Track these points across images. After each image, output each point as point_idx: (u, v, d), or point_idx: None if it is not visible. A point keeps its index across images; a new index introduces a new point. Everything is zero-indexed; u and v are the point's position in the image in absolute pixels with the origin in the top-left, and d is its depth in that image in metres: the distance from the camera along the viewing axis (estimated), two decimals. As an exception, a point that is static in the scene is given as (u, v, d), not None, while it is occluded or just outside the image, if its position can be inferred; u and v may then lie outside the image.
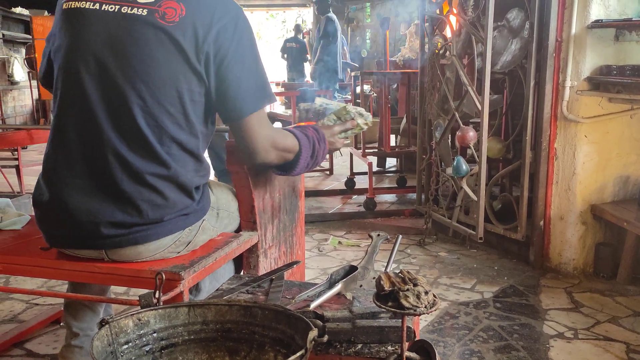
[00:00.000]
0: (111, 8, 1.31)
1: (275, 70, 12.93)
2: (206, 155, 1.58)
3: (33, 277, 2.30)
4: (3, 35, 8.27)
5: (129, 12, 1.30)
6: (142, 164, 1.32)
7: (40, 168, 1.41)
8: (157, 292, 1.18)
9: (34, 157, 6.23)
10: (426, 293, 1.10)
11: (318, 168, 5.50)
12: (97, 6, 1.32)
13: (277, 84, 10.30)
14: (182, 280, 1.37)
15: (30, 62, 8.40)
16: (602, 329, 2.19)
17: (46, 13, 9.05)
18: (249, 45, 1.41)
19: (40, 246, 1.57)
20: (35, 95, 8.44)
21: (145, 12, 1.30)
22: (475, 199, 2.81)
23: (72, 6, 1.34)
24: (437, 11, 3.13)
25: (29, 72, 8.58)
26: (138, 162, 1.31)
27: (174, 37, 1.29)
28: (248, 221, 1.79)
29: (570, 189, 2.68)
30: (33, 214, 1.50)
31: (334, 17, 7.12)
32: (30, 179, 4.97)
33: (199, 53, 1.31)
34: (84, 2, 1.33)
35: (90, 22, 1.31)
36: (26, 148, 6.56)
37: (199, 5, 1.32)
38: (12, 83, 8.40)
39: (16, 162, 4.20)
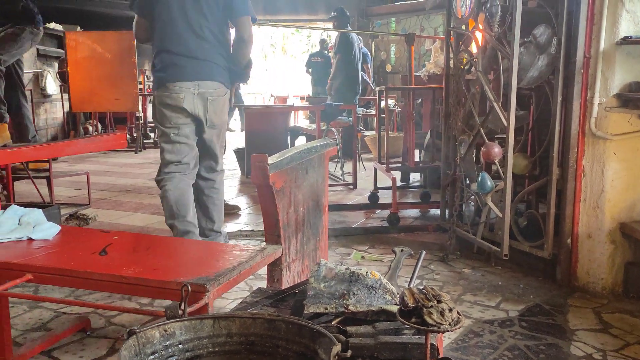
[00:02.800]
0: None
1: (301, 84, 13.03)
2: None
3: (62, 286, 2.35)
4: (37, 50, 8.51)
5: None
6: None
7: (70, 179, 1.51)
8: (183, 303, 1.20)
9: (64, 169, 6.38)
10: (450, 310, 1.09)
11: (341, 182, 5.51)
12: None
13: (302, 99, 10.37)
14: (207, 293, 1.39)
15: (62, 76, 8.62)
16: (632, 351, 2.13)
17: (79, 28, 9.31)
18: None
19: (69, 256, 1.61)
20: (66, 108, 8.64)
21: None
22: (500, 215, 2.78)
23: None
24: (463, 27, 3.13)
25: (60, 86, 8.80)
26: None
27: None
28: (272, 235, 1.81)
29: (599, 206, 2.64)
30: (63, 224, 1.55)
31: (350, 34, 7.19)
32: (61, 190, 5.09)
33: None
34: None
35: None
36: (56, 160, 6.71)
37: None
38: (45, 96, 8.62)
39: (47, 174, 4.30)
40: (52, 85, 8.69)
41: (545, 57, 2.67)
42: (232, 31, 2.92)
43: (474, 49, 3.09)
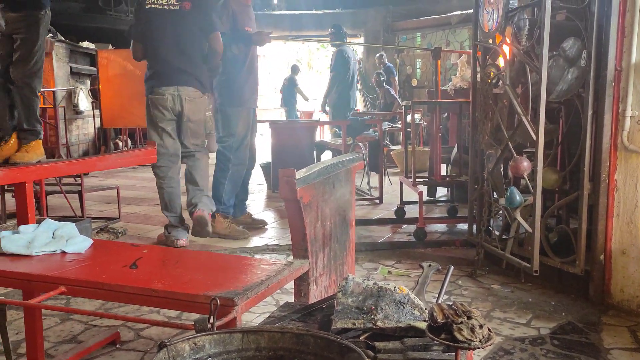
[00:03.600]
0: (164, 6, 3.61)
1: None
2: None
3: (94, 298, 2.39)
4: (71, 68, 8.76)
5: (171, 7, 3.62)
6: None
7: (100, 193, 1.58)
8: (212, 317, 1.21)
9: (95, 183, 6.51)
10: (481, 327, 1.08)
11: (367, 196, 5.50)
12: (160, 5, 3.60)
13: (327, 114, 10.40)
14: (236, 307, 1.39)
15: (94, 93, 8.85)
16: (670, 371, 2.06)
17: (110, 47, 9.55)
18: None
19: (101, 269, 1.64)
20: (98, 124, 8.85)
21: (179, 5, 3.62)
22: (530, 230, 2.74)
23: (148, 4, 3.64)
24: (490, 41, 3.12)
25: (92, 102, 9.03)
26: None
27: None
28: (299, 249, 1.81)
29: (633, 222, 2.57)
30: (94, 237, 1.59)
31: (346, 49, 7.24)
32: (91, 204, 5.19)
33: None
34: (155, 3, 3.62)
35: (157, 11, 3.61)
36: (87, 174, 6.86)
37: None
38: (77, 112, 8.84)
39: (79, 188, 4.40)
40: (84, 102, 8.92)
41: (575, 70, 2.64)
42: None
43: (501, 62, 3.08)
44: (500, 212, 3.19)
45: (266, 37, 4.07)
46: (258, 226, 4.31)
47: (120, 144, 9.08)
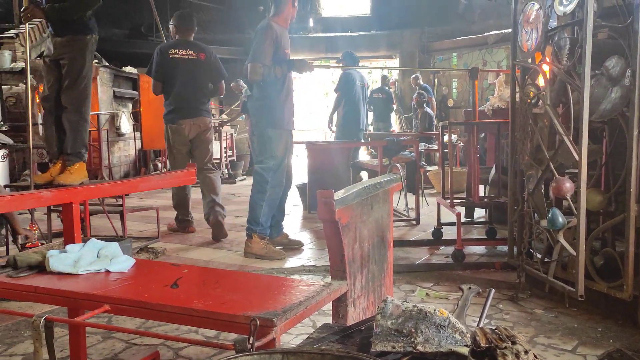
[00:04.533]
0: (184, 56, 4.70)
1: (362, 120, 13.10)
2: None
3: (136, 317, 2.43)
4: (114, 92, 9.06)
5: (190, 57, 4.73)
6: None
7: (140, 213, 1.82)
8: (252, 337, 1.22)
9: (135, 203, 6.66)
10: (526, 352, 1.05)
11: (404, 217, 5.45)
12: (181, 55, 4.67)
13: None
14: (275, 327, 1.40)
15: (135, 116, 9.12)
16: None
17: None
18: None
19: (143, 288, 1.67)
20: (138, 145, 9.09)
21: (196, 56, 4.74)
22: (574, 253, 2.66)
23: (172, 54, 4.70)
24: (529, 60, 3.08)
25: (133, 125, 9.30)
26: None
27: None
28: (338, 270, 1.81)
29: (683, 245, 2.47)
30: (136, 257, 1.62)
31: (351, 72, 7.42)
32: (133, 224, 5.31)
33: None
34: (177, 53, 4.68)
35: (179, 61, 4.69)
36: (128, 195, 7.03)
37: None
38: (119, 135, 9.12)
39: (120, 208, 4.51)
40: (125, 124, 9.19)
41: (618, 89, 2.58)
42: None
43: (541, 82, 3.03)
44: (542, 234, 3.11)
45: (307, 65, 4.11)
46: (294, 247, 4.33)
47: (160, 165, 9.29)
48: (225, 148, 9.69)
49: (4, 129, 5.62)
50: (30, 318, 1.51)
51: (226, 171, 9.61)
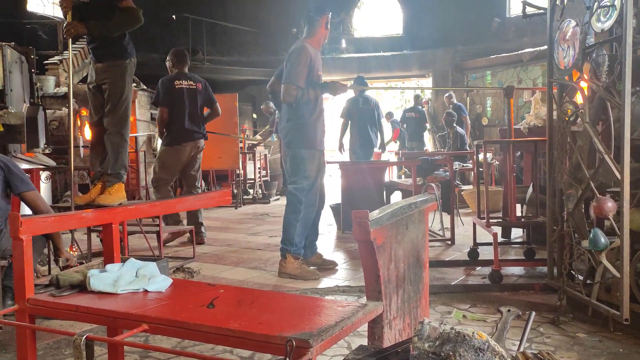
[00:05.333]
0: (188, 86, 5.25)
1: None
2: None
3: (174, 337, 2.45)
4: (151, 114, 9.29)
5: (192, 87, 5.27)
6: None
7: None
8: (288, 358, 1.21)
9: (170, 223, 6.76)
10: (571, 378, 1.02)
11: (439, 237, 5.39)
12: (185, 85, 5.22)
13: (397, 154, 10.41)
14: (311, 348, 1.39)
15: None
16: None
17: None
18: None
19: (181, 308, 1.69)
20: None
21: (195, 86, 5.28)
22: (618, 275, 2.57)
23: (178, 85, 5.23)
24: (567, 78, 3.03)
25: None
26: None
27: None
28: (373, 291, 1.79)
29: None
30: (173, 277, 1.64)
31: (357, 97, 7.89)
32: (168, 244, 5.39)
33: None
34: (181, 84, 5.23)
35: (185, 91, 5.24)
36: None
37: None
38: (156, 156, 9.29)
39: (157, 228, 4.58)
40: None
41: (660, 106, 2.51)
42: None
43: (579, 99, 2.98)
44: (583, 255, 3.02)
45: (341, 87, 4.18)
46: (328, 267, 4.31)
47: (195, 185, 9.42)
48: (259, 168, 9.78)
49: (47, 151, 5.81)
50: (72, 337, 1.55)
51: (260, 191, 9.69)
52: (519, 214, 4.75)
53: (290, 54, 4.05)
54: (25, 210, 3.81)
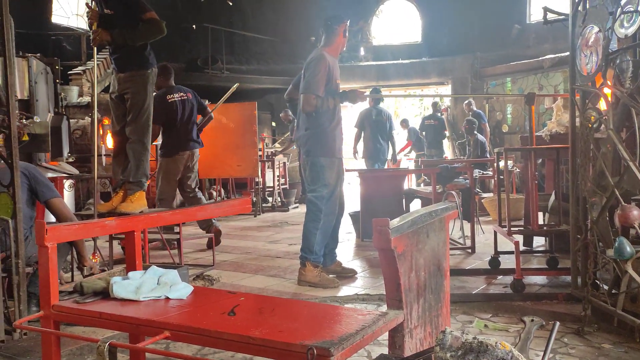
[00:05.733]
0: (179, 98, 5.39)
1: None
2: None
3: (195, 344, 2.46)
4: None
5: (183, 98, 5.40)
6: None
7: (195, 241, 5.40)
8: (309, 367, 1.21)
9: (191, 231, 6.81)
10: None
11: (459, 246, 5.34)
12: (177, 98, 5.35)
13: (416, 161, 10.37)
14: (332, 357, 1.39)
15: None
16: None
17: (207, 102, 10.17)
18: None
19: (202, 315, 1.70)
20: (195, 174, 9.33)
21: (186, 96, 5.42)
22: (644, 284, 2.52)
23: (170, 99, 5.33)
24: (590, 84, 3.00)
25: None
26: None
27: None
28: (394, 299, 1.78)
29: None
30: (193, 284, 1.65)
31: (370, 109, 8.32)
32: (187, 252, 5.43)
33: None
34: (173, 97, 5.38)
35: (178, 103, 5.36)
36: (184, 223, 7.20)
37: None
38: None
39: (177, 236, 4.62)
40: (182, 154, 9.45)
41: (687, 112, 2.47)
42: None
43: (602, 106, 2.94)
44: (608, 264, 2.97)
45: (360, 96, 4.18)
46: (348, 275, 4.30)
47: (215, 193, 9.49)
48: (278, 176, 9.82)
49: (70, 160, 5.92)
50: (95, 343, 1.56)
51: (279, 199, 9.72)
52: (541, 222, 4.69)
53: (308, 63, 4.06)
54: (49, 218, 3.88)
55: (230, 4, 13.83)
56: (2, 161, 2.79)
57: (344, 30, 4.15)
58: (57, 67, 6.12)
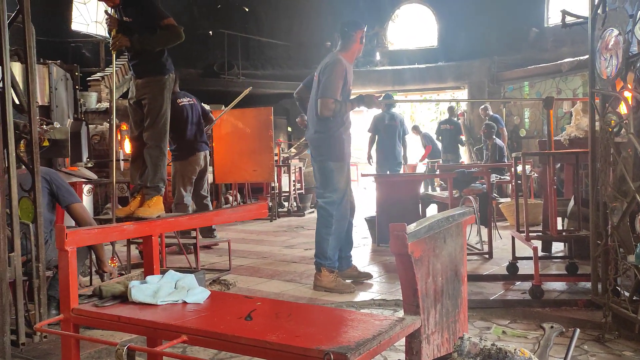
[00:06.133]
0: (188, 102, 5.66)
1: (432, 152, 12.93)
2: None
3: (212, 348, 2.47)
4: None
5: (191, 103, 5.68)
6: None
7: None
8: (326, 372, 1.21)
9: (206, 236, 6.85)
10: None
11: (476, 251, 5.29)
12: (185, 102, 5.61)
13: (431, 166, 10.30)
14: (349, 363, 1.38)
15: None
16: None
17: (223, 107, 10.24)
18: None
19: (219, 319, 1.70)
20: (210, 179, 9.39)
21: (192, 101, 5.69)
22: (667, 291, 2.47)
23: (180, 103, 5.55)
24: (610, 88, 2.96)
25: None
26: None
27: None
28: (410, 305, 1.77)
29: None
30: (210, 289, 1.65)
31: (382, 114, 8.57)
32: (204, 256, 5.46)
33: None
34: (182, 101, 5.61)
35: (187, 107, 5.62)
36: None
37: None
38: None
39: (194, 241, 4.65)
40: (199, 159, 9.51)
41: None
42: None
43: (623, 110, 2.90)
44: (629, 270, 2.92)
45: (375, 101, 4.16)
46: (363, 279, 4.28)
47: (231, 198, 9.54)
48: (293, 181, 9.84)
49: (89, 165, 5.99)
50: (113, 347, 1.58)
51: (295, 204, 9.74)
52: (559, 227, 4.63)
53: (325, 67, 4.03)
54: (68, 221, 3.93)
55: (246, 10, 13.94)
56: (24, 166, 2.84)
57: (361, 37, 4.13)
58: (76, 74, 6.21)
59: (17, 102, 2.75)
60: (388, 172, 8.32)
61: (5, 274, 2.45)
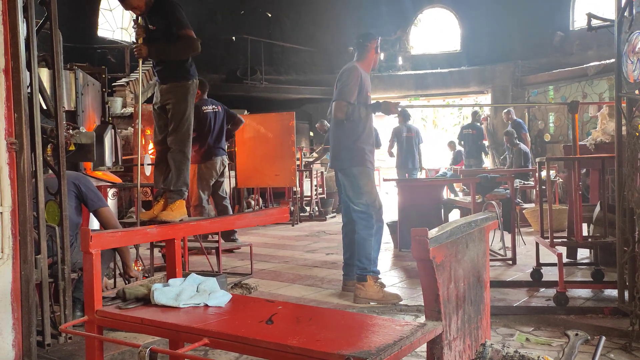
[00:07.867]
0: (212, 110, 5.90)
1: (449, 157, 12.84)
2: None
3: (233, 351, 2.48)
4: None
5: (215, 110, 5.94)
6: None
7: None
8: (347, 377, 1.20)
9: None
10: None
11: (500, 257, 5.23)
12: (209, 110, 5.86)
13: (455, 170, 10.25)
14: (369, 367, 1.38)
15: (230, 155, 9.53)
16: None
17: (246, 112, 10.32)
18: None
19: (240, 323, 1.71)
20: (232, 184, 9.46)
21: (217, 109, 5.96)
22: (697, 300, 2.41)
23: (205, 111, 5.81)
24: (637, 92, 2.90)
25: (228, 164, 9.69)
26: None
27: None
28: (432, 310, 1.76)
29: None
30: (231, 292, 1.67)
31: (399, 126, 9.89)
32: (225, 260, 5.49)
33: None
34: (207, 109, 5.86)
35: (211, 115, 5.87)
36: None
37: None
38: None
39: (216, 244, 4.68)
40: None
41: None
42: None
43: (650, 114, 2.84)
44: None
45: (394, 107, 4.14)
46: (391, 301, 4.14)
47: (253, 202, 9.59)
48: (315, 186, 9.85)
49: (117, 169, 6.08)
50: (136, 348, 1.60)
51: (316, 209, 9.75)
52: (585, 233, 4.55)
53: (341, 74, 4.07)
54: (92, 224, 3.99)
55: (269, 15, 14.04)
56: (50, 170, 2.89)
57: (376, 47, 4.15)
58: (103, 76, 6.30)
59: (44, 107, 2.81)
60: (407, 176, 9.05)
61: (32, 275, 2.50)
